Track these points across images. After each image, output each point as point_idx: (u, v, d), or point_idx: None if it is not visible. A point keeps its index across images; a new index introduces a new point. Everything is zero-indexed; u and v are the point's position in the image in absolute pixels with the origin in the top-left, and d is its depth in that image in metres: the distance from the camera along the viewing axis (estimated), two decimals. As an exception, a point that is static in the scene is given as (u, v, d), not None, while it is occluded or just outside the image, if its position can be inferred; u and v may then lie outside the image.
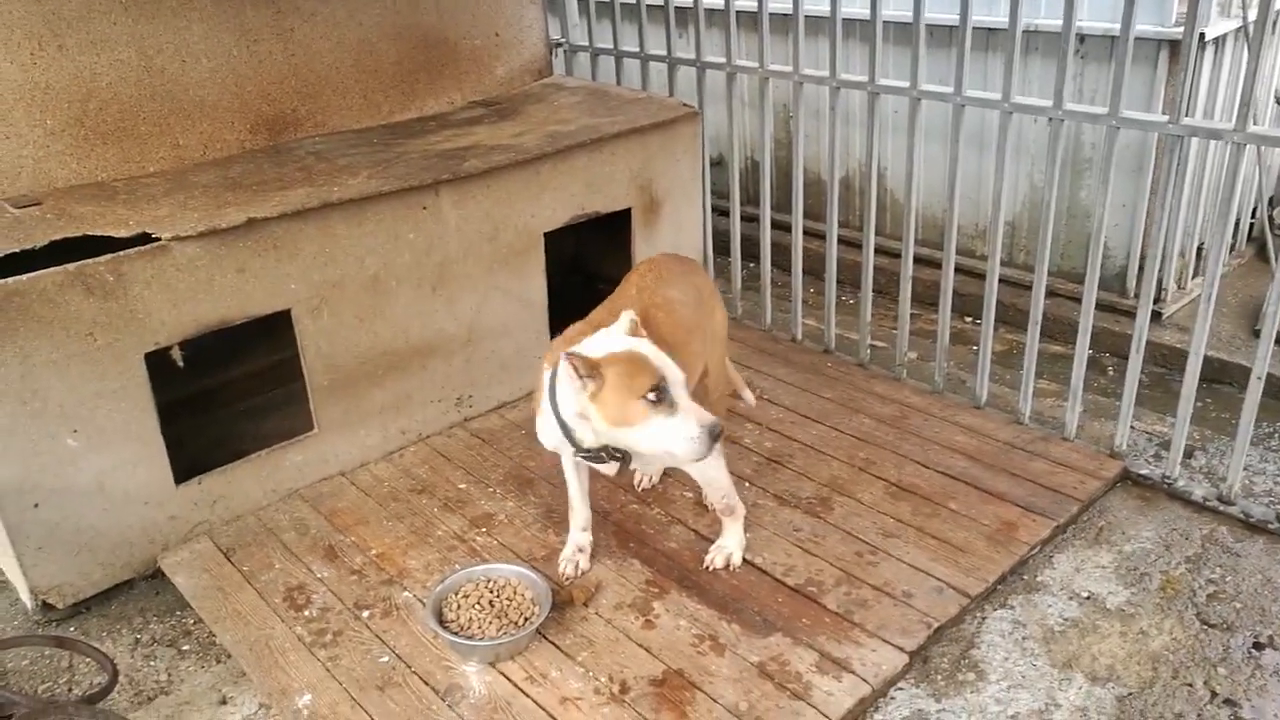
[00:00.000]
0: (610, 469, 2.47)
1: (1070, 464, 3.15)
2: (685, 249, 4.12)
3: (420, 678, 2.44)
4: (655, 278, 2.73)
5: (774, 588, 2.68)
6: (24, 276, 2.54)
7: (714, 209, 4.35)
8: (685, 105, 3.99)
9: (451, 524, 3.01)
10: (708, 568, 2.75)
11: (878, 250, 3.80)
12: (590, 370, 2.22)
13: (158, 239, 2.75)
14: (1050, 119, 3.06)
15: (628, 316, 2.38)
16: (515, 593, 2.61)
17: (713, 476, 2.65)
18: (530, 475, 3.20)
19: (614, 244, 4.00)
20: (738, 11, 3.90)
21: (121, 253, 2.70)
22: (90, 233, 2.76)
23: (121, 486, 2.81)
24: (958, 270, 3.56)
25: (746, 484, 3.12)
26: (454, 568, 2.74)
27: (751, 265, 4.45)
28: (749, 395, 3.24)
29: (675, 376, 2.27)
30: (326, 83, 3.75)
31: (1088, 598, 2.69)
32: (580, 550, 2.79)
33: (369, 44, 3.83)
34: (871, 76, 3.47)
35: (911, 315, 3.71)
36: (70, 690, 2.58)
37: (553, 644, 2.52)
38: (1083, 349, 3.19)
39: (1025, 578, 2.76)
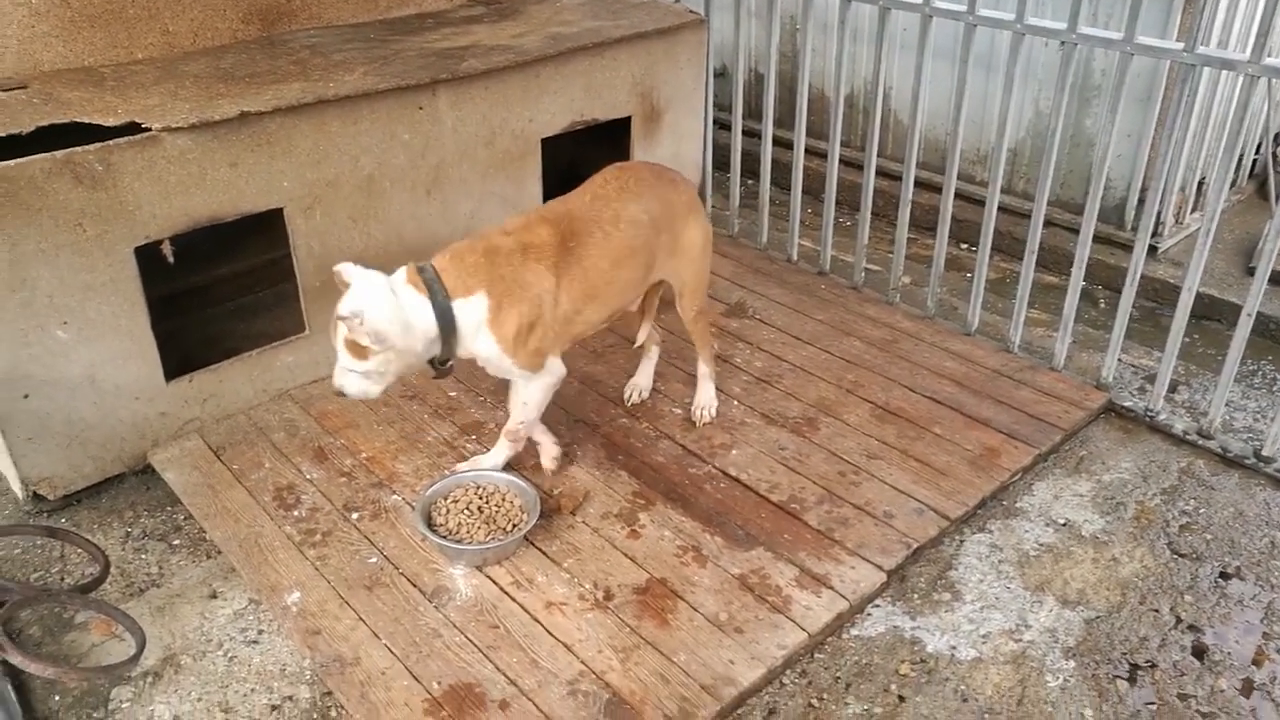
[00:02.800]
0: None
1: (1056, 394, 3.19)
2: (685, 161, 4.07)
3: (408, 579, 2.49)
4: (618, 188, 2.66)
5: (758, 503, 2.73)
6: (11, 162, 2.49)
7: (715, 121, 4.27)
8: (691, 12, 3.88)
9: (441, 430, 3.03)
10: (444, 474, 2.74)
11: (878, 172, 3.76)
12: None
13: (148, 129, 2.69)
14: (1063, 43, 3.00)
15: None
16: (504, 499, 2.65)
17: (531, 397, 2.66)
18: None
19: (612, 153, 3.93)
20: (749, -85, 3.76)
21: (111, 141, 2.64)
22: (79, 119, 2.69)
23: (112, 380, 2.80)
24: (957, 196, 3.53)
25: (735, 402, 3.15)
26: (444, 473, 2.77)
27: (750, 182, 4.40)
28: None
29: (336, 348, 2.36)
30: (322, -28, 3.62)
31: (1064, 524, 2.75)
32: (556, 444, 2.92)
33: (366, -67, 3.69)
34: (883, -9, 3.38)
35: (908, 240, 3.70)
36: (63, 580, 2.62)
37: (540, 550, 2.57)
38: (1077, 280, 3.19)
39: (1005, 503, 2.82)
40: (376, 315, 2.30)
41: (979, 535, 2.71)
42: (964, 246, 4.45)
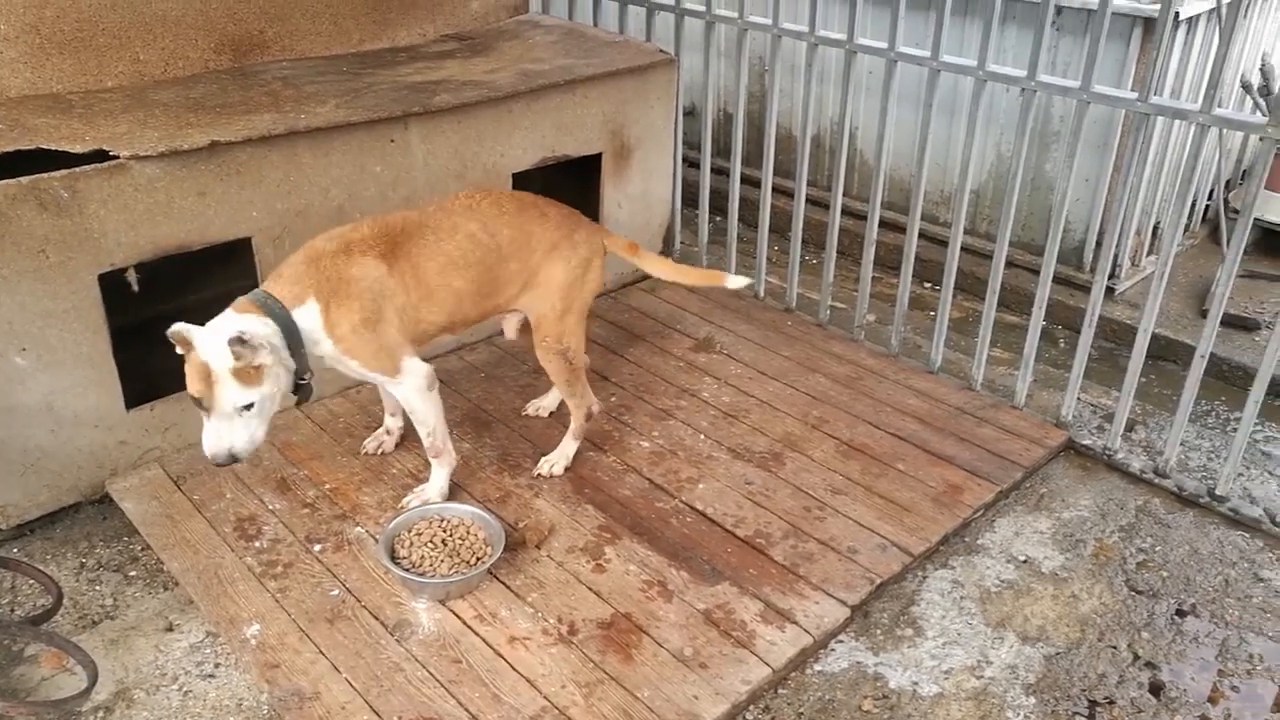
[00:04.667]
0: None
1: (1017, 431, 3.24)
2: (654, 197, 4.11)
3: (370, 612, 2.47)
4: (466, 206, 2.71)
5: (724, 538, 2.74)
6: (-26, 188, 2.47)
7: (685, 159, 4.33)
8: (662, 51, 3.94)
9: (406, 462, 3.01)
10: (402, 508, 2.74)
11: (844, 211, 3.82)
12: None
13: (116, 156, 2.68)
14: (1023, 89, 3.08)
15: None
16: (468, 532, 2.63)
17: (414, 407, 2.68)
18: (487, 418, 3.21)
19: (583, 187, 3.97)
20: (720, -41, 3.84)
21: (78, 169, 2.63)
22: (45, 146, 2.68)
23: (71, 408, 2.76)
24: (921, 236, 3.60)
25: (702, 436, 3.16)
26: (408, 505, 2.75)
27: (719, 219, 4.45)
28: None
29: (219, 396, 2.29)
30: (296, 5, 3.64)
31: (1024, 561, 2.78)
32: (388, 432, 3.04)
33: (340, -34, 3.72)
34: (850, 35, 3.46)
35: (873, 278, 3.75)
36: (13, 611, 2.56)
37: (504, 584, 2.56)
38: (1037, 321, 3.25)
39: (967, 539, 2.85)
40: (252, 327, 2.30)
41: (941, 571, 2.73)
42: (928, 285, 4.53)
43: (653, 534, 2.74)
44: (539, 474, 2.96)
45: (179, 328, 2.26)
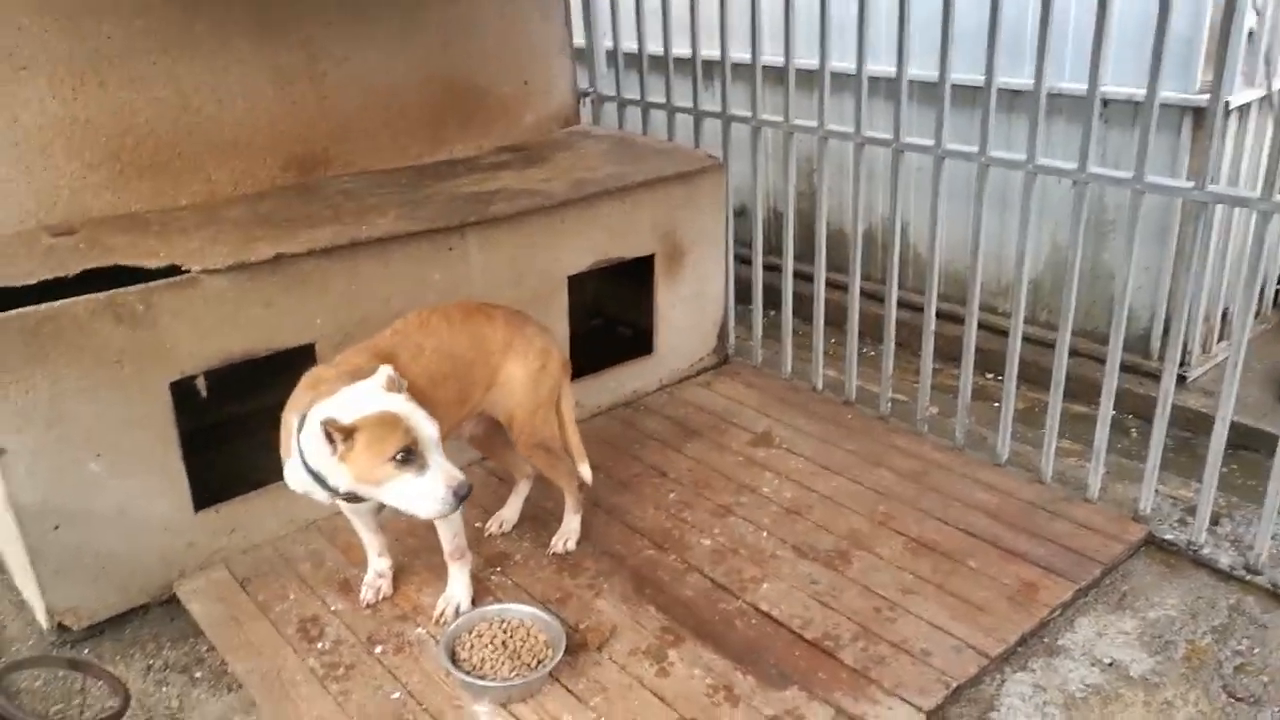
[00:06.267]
0: (369, 509, 2.57)
1: (1093, 526, 3.11)
2: (708, 296, 4.15)
3: (431, 716, 2.41)
4: (418, 324, 2.72)
5: (791, 640, 2.64)
6: (57, 303, 2.58)
7: (737, 257, 4.38)
8: (710, 156, 4.04)
9: (465, 564, 2.98)
10: (438, 620, 2.72)
11: (900, 304, 3.81)
12: (344, 435, 2.23)
13: (187, 271, 2.79)
14: (1075, 181, 3.08)
15: (384, 372, 2.36)
16: (529, 634, 2.58)
17: (449, 520, 2.64)
18: (547, 516, 3.18)
19: (637, 288, 4.02)
20: (764, 66, 3.95)
21: (152, 283, 2.73)
22: (122, 263, 2.80)
23: (142, 512, 2.81)
24: (980, 326, 3.56)
25: (764, 534, 3.09)
26: (442, 617, 2.72)
27: (772, 313, 4.46)
28: (585, 470, 3.00)
29: (428, 435, 2.27)
30: (357, 124, 3.82)
31: (1110, 664, 2.64)
32: (380, 575, 2.87)
33: (399, 89, 3.90)
34: (896, 134, 3.51)
35: (933, 370, 3.70)
36: (82, 713, 2.56)
37: (565, 688, 2.49)
38: (1106, 411, 3.17)
39: (1046, 640, 2.72)
40: None
41: (1021, 674, 2.60)
42: (989, 376, 4.45)
43: (717, 636, 2.66)
44: (554, 552, 2.99)
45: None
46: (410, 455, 2.24)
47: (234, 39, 3.43)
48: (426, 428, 2.28)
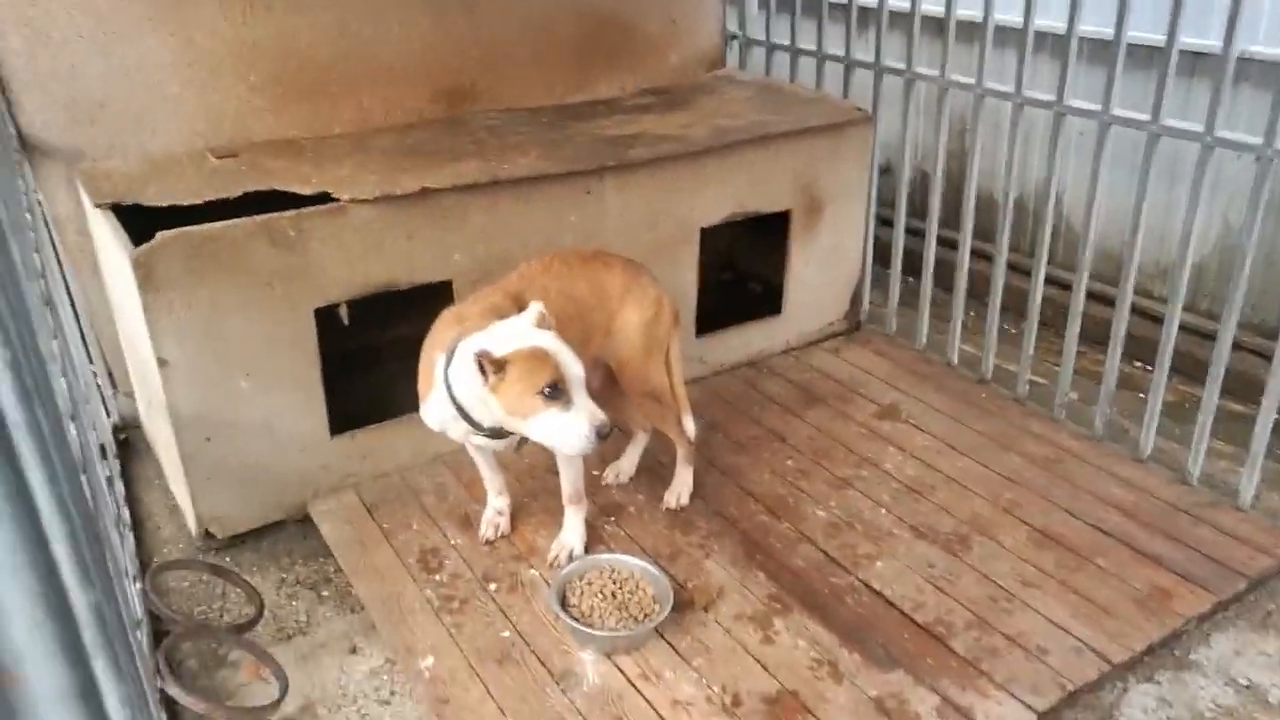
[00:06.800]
0: (505, 445, 2.60)
1: (1240, 535, 2.93)
2: (843, 255, 4.03)
3: (538, 657, 2.49)
4: (541, 268, 2.75)
5: (901, 622, 2.60)
6: (219, 224, 2.70)
7: (877, 217, 4.22)
8: (858, 109, 3.88)
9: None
10: (551, 563, 2.77)
11: (1048, 280, 3.62)
12: (496, 368, 2.28)
13: (337, 199, 2.87)
14: (1259, 157, 2.82)
15: (535, 308, 2.41)
16: (638, 587, 2.62)
17: (571, 463, 2.70)
18: (664, 471, 3.20)
19: (770, 244, 3.94)
20: (922, 16, 3.75)
21: (304, 209, 2.83)
22: (278, 188, 2.90)
23: (284, 431, 2.96)
24: (1133, 310, 3.35)
25: (883, 510, 3.03)
26: (556, 560, 2.78)
27: (910, 280, 4.31)
28: (690, 423, 3.01)
29: (575, 373, 2.33)
30: (506, 57, 3.82)
31: (1247, 686, 2.50)
32: (500, 514, 2.92)
33: (550, 22, 3.88)
34: (1060, 96, 3.29)
35: (1077, 353, 3.52)
36: (221, 616, 2.75)
37: (669, 645, 2.52)
38: (1269, 412, 2.95)
39: (1176, 653, 2.59)
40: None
41: (1145, 685, 2.49)
42: (1138, 365, 4.20)
43: (825, 610, 2.64)
44: (667, 507, 3.01)
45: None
46: (557, 390, 2.29)
47: (395, -35, 3.47)
48: (573, 365, 2.33)
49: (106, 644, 0.80)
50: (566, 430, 2.32)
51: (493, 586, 2.73)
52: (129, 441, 3.51)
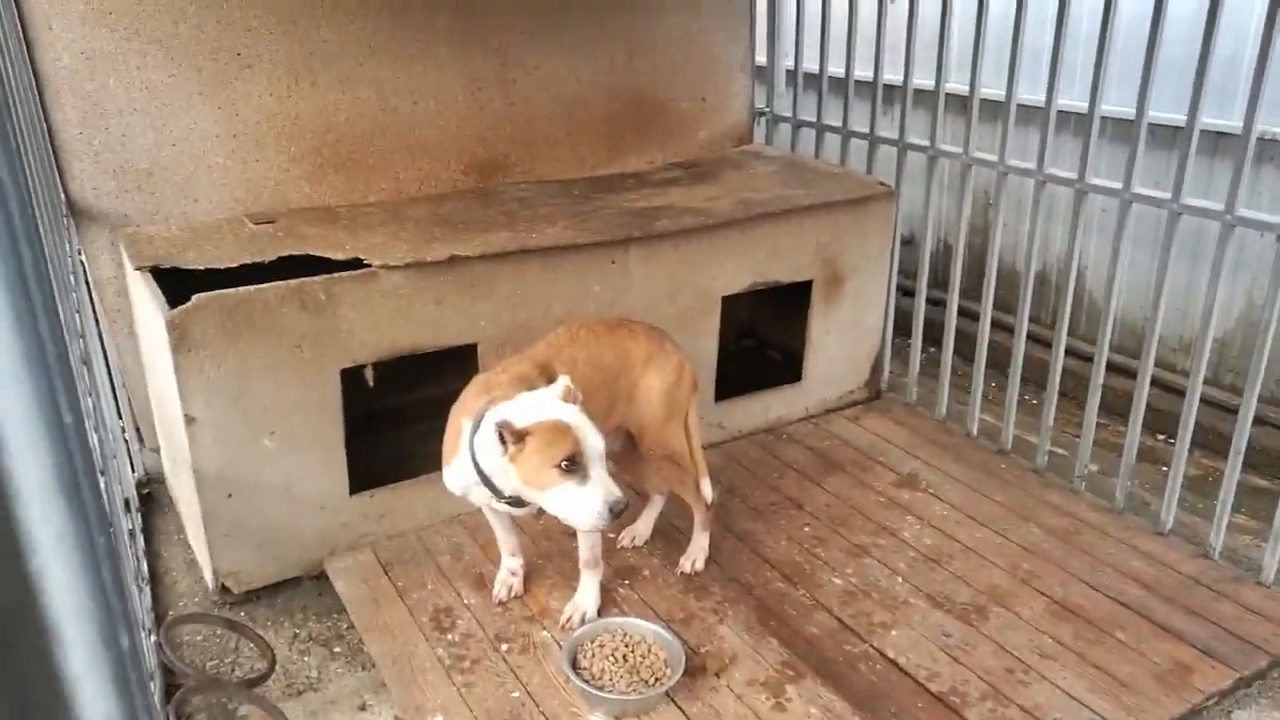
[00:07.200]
0: (525, 512, 2.62)
1: (1264, 612, 2.87)
2: (865, 325, 4.08)
3: (547, 719, 2.49)
4: (569, 338, 2.81)
5: (915, 691, 2.58)
6: (253, 288, 2.81)
7: (899, 288, 4.28)
8: (882, 184, 3.96)
9: (596, 571, 3.05)
10: (564, 625, 2.77)
11: (1068, 352, 3.63)
12: (515, 438, 2.33)
13: (368, 265, 2.98)
14: (1279, 236, 2.85)
15: (563, 382, 2.46)
16: (650, 651, 2.62)
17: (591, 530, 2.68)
18: (679, 536, 3.22)
19: (791, 312, 4.00)
20: (947, 94, 3.85)
21: (335, 274, 2.94)
22: (312, 253, 3.02)
23: (304, 489, 3.02)
24: (1154, 383, 3.34)
25: (899, 579, 3.02)
26: (568, 622, 2.79)
27: (932, 350, 4.34)
28: (708, 487, 3.02)
29: (594, 447, 2.36)
30: (539, 132, 3.97)
31: (1268, 766, 2.44)
32: (513, 574, 2.95)
33: (583, 99, 4.03)
34: (1081, 174, 3.35)
35: (1097, 424, 3.51)
36: (233, 671, 2.78)
37: (680, 709, 2.51)
38: (1291, 488, 2.92)
39: (1197, 730, 2.54)
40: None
41: (1164, 763, 2.44)
42: (1160, 437, 4.17)
43: (838, 677, 2.62)
44: (682, 571, 3.02)
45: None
46: (574, 464, 2.34)
47: (434, 45, 3.64)
48: (593, 440, 2.37)
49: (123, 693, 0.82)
50: (581, 505, 2.35)
51: (504, 647, 2.74)
52: (152, 495, 3.60)
